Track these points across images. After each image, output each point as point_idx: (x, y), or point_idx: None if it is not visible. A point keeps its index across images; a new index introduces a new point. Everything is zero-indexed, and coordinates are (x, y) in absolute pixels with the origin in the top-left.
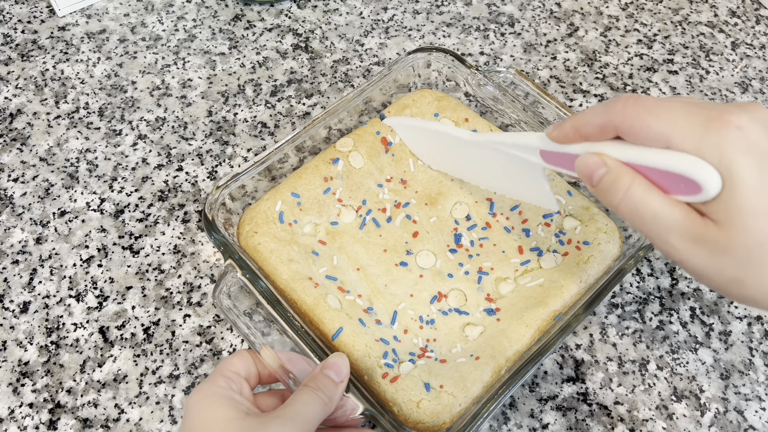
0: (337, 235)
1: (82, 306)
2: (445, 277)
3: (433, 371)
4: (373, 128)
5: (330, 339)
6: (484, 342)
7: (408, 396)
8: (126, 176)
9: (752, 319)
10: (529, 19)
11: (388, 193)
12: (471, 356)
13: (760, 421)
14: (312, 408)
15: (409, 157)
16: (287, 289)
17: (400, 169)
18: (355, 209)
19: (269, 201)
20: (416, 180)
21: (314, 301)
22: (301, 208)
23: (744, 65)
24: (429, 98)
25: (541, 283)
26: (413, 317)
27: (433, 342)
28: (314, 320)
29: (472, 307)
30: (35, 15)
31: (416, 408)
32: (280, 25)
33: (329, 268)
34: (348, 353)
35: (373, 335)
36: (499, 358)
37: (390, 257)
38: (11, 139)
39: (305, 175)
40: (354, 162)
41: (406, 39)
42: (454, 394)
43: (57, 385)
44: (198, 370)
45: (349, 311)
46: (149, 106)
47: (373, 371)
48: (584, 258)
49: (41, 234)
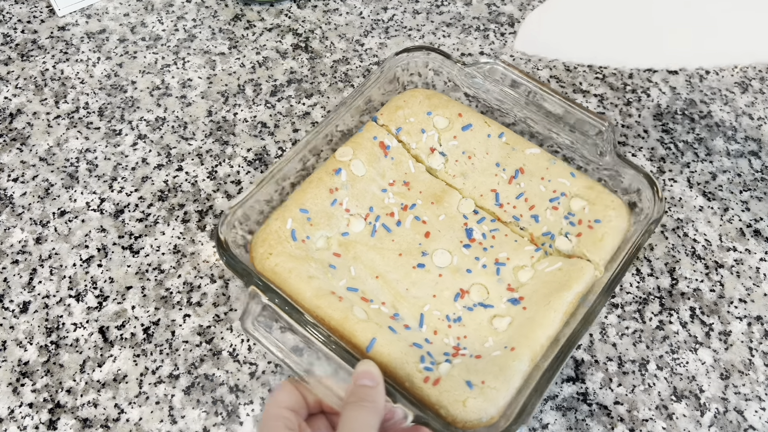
0: (350, 246)
1: (82, 306)
2: (464, 273)
3: (471, 368)
4: (370, 133)
5: (364, 351)
6: (514, 332)
7: (453, 396)
8: (126, 176)
9: (752, 319)
10: None
11: (393, 197)
12: (505, 348)
13: (760, 421)
14: (363, 420)
15: (408, 158)
16: (312, 306)
17: (401, 172)
18: (363, 217)
19: (279, 220)
20: (418, 180)
21: (342, 315)
22: (311, 223)
23: (744, 65)
24: (419, 97)
25: (560, 267)
26: (440, 317)
27: (464, 339)
28: (345, 334)
29: (496, 299)
30: (35, 15)
31: (463, 407)
32: (280, 25)
33: (348, 280)
34: (386, 363)
35: (406, 341)
36: (534, 346)
37: (406, 261)
38: (11, 139)
39: (310, 189)
40: (356, 170)
41: (406, 39)
42: (497, 387)
43: (57, 385)
44: (198, 370)
45: (377, 320)
46: (149, 106)
47: (413, 377)
48: (599, 236)
49: (41, 234)
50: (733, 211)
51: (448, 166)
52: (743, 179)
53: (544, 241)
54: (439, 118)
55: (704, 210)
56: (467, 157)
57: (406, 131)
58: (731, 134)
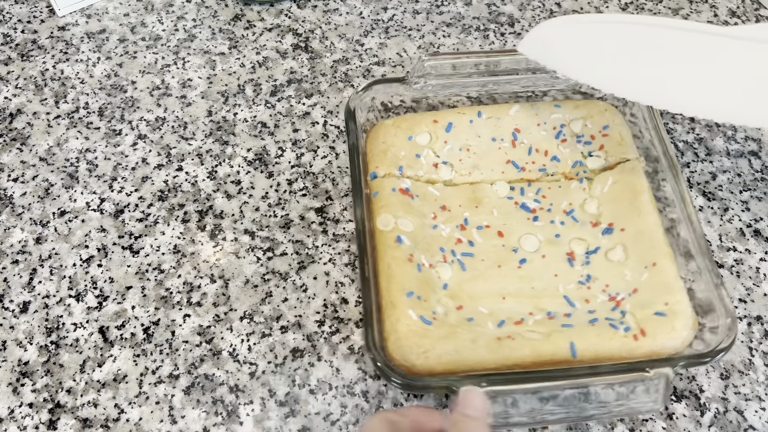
0: (459, 293)
1: (81, 306)
2: (556, 241)
3: (644, 302)
4: (385, 190)
5: (573, 358)
6: (634, 253)
7: (663, 332)
8: (126, 176)
9: (752, 319)
10: (529, 19)
11: (446, 227)
12: (646, 268)
13: (760, 421)
14: None
15: (426, 187)
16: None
17: (431, 201)
18: (444, 262)
19: (400, 319)
20: (448, 198)
21: (530, 349)
22: (423, 299)
23: None
24: (390, 129)
25: (614, 180)
26: (575, 287)
27: (608, 287)
28: (545, 361)
29: (594, 240)
30: (35, 15)
31: (676, 333)
32: (280, 25)
33: (490, 319)
34: (594, 354)
35: (583, 325)
36: (664, 249)
37: (508, 267)
38: (11, 139)
39: (395, 273)
40: (407, 228)
41: (406, 39)
42: (679, 299)
43: (57, 385)
44: (198, 370)
45: (546, 329)
46: (149, 106)
47: (623, 346)
48: (618, 138)
49: (41, 234)
50: (733, 211)
51: (457, 169)
52: (743, 179)
53: (578, 171)
54: (421, 137)
55: (704, 210)
56: (466, 150)
57: (406, 166)
58: (731, 134)
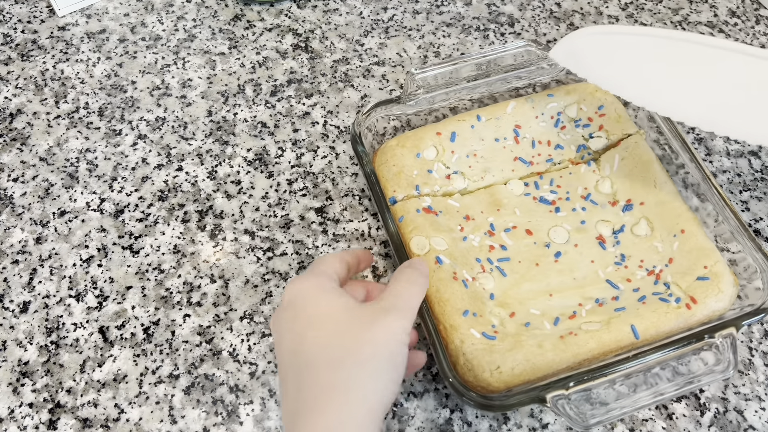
0: (507, 300)
1: (81, 306)
2: (583, 228)
3: (684, 270)
4: (410, 214)
5: (636, 342)
6: (659, 223)
7: (712, 297)
8: (126, 176)
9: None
10: (528, 19)
11: (475, 236)
12: (675, 237)
13: (760, 421)
14: (418, 300)
15: (445, 201)
16: (576, 364)
17: (454, 214)
18: (483, 272)
19: (456, 337)
20: (468, 207)
21: (596, 342)
22: (480, 314)
23: None
24: (396, 150)
25: (622, 157)
26: (614, 269)
27: (644, 262)
28: (611, 350)
29: (617, 219)
30: (35, 15)
31: (724, 294)
32: (280, 25)
33: (546, 320)
34: (655, 332)
35: (634, 306)
36: (687, 215)
37: (545, 264)
38: (11, 139)
39: (444, 295)
40: (440, 246)
41: (406, 39)
42: (717, 259)
43: (57, 384)
44: (198, 370)
45: (602, 318)
46: (149, 106)
47: (676, 318)
48: (615, 115)
49: (41, 234)
50: None
51: (469, 176)
52: (743, 179)
53: (583, 155)
54: (427, 151)
55: None
56: (473, 156)
57: (422, 184)
58: None
